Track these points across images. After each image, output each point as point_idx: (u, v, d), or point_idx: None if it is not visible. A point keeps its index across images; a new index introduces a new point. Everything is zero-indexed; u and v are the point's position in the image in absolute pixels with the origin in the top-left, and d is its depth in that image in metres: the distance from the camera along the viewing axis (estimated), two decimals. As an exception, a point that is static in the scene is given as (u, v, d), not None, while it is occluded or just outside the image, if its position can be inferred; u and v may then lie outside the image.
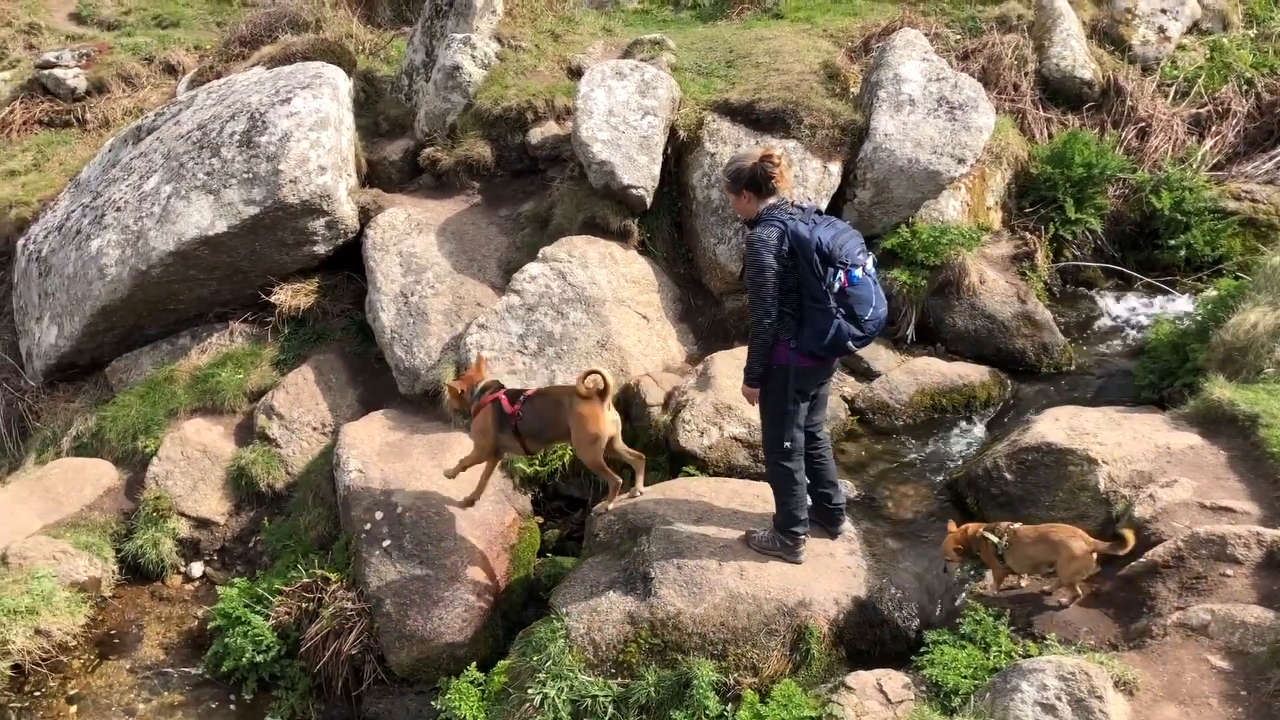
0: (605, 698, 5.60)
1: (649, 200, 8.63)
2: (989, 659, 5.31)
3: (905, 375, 8.03)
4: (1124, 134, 10.04)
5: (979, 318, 8.46)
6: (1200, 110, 10.36)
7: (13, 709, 6.49)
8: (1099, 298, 9.27)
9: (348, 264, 9.02)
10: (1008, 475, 6.52)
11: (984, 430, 7.73)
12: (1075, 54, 10.22)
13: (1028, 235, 9.32)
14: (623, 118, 8.66)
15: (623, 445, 6.57)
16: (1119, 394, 7.78)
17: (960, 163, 8.56)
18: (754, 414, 6.17)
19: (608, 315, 8.04)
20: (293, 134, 8.44)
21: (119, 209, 8.72)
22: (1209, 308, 7.63)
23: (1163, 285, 9.12)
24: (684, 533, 6.15)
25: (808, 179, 8.52)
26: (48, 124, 13.19)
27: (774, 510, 6.03)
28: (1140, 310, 9.02)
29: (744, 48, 10.33)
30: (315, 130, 8.55)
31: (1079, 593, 5.59)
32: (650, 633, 5.73)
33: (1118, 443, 6.42)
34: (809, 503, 5.99)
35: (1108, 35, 10.80)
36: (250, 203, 8.29)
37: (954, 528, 5.87)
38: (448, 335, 8.12)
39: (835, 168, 8.65)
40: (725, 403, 7.25)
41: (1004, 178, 9.52)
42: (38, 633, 6.74)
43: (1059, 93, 10.29)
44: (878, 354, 8.29)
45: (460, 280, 8.54)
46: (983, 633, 5.46)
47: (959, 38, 10.64)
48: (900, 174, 8.53)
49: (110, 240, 8.56)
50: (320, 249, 8.79)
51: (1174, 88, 10.52)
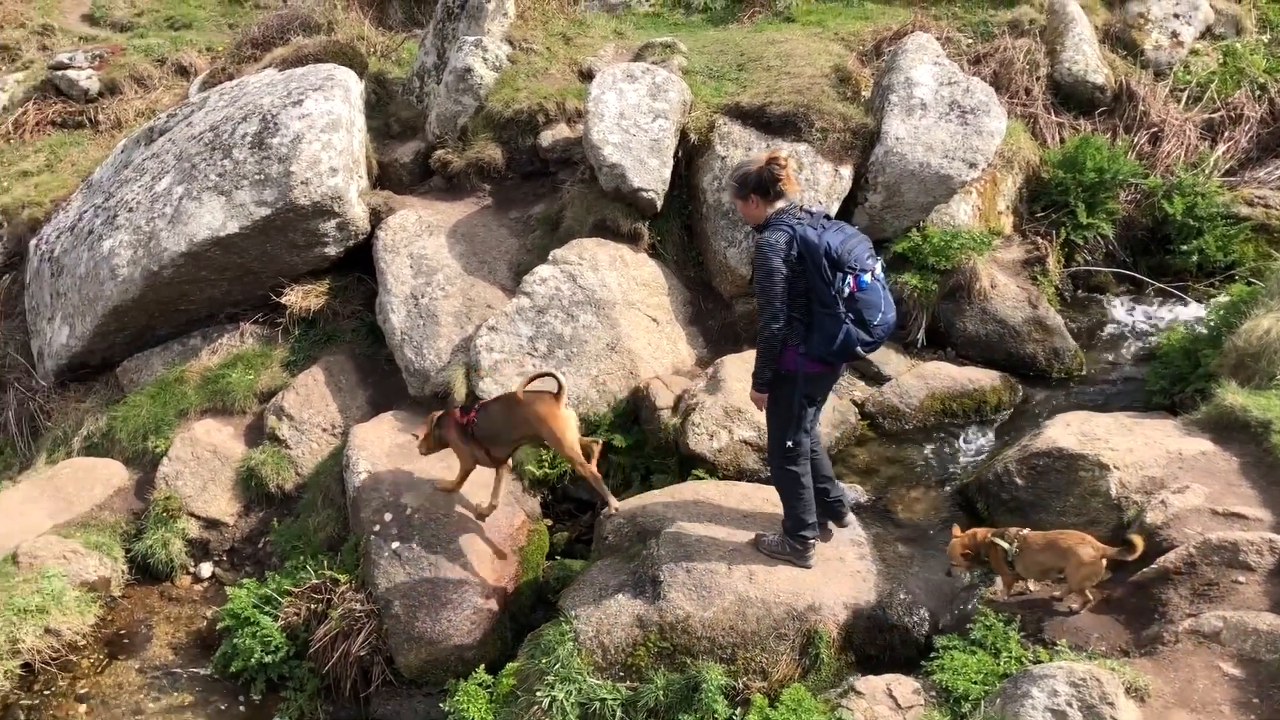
0: (614, 701, 5.59)
1: (659, 203, 8.62)
2: (999, 665, 5.28)
3: (916, 379, 8.02)
4: (1136, 139, 10.01)
5: (990, 322, 8.44)
6: (1213, 115, 10.32)
7: (22, 707, 6.50)
8: (1110, 303, 9.24)
9: (358, 265, 9.04)
10: (1018, 480, 6.50)
11: (994, 435, 7.70)
12: (1087, 58, 10.19)
13: (1039, 240, 9.30)
14: (634, 121, 8.66)
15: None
16: (1130, 399, 7.75)
17: (972, 167, 8.54)
18: (764, 418, 6.16)
19: (618, 318, 8.03)
20: (304, 136, 8.46)
21: (131, 210, 8.75)
22: (1221, 313, 7.59)
23: (1175, 291, 9.08)
24: (693, 536, 6.14)
25: (819, 182, 8.51)
26: (60, 125, 13.25)
27: (783, 514, 6.03)
28: (1152, 316, 8.98)
29: (755, 51, 10.33)
30: (327, 132, 8.56)
31: (1090, 598, 5.56)
32: (659, 636, 5.73)
33: (1129, 448, 6.39)
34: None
35: (1120, 40, 10.77)
36: (262, 204, 8.31)
37: (959, 532, 5.85)
38: (458, 337, 8.13)
39: (846, 171, 8.64)
40: (735, 406, 7.24)
41: (1015, 182, 9.50)
42: (48, 632, 6.76)
43: (1071, 97, 10.26)
44: (888, 358, 8.28)
45: (471, 282, 8.55)
46: (993, 638, 5.44)
47: (971, 42, 10.62)
48: (911, 178, 8.52)
49: (122, 241, 8.59)
50: (331, 250, 8.81)
51: (1187, 93, 10.48)
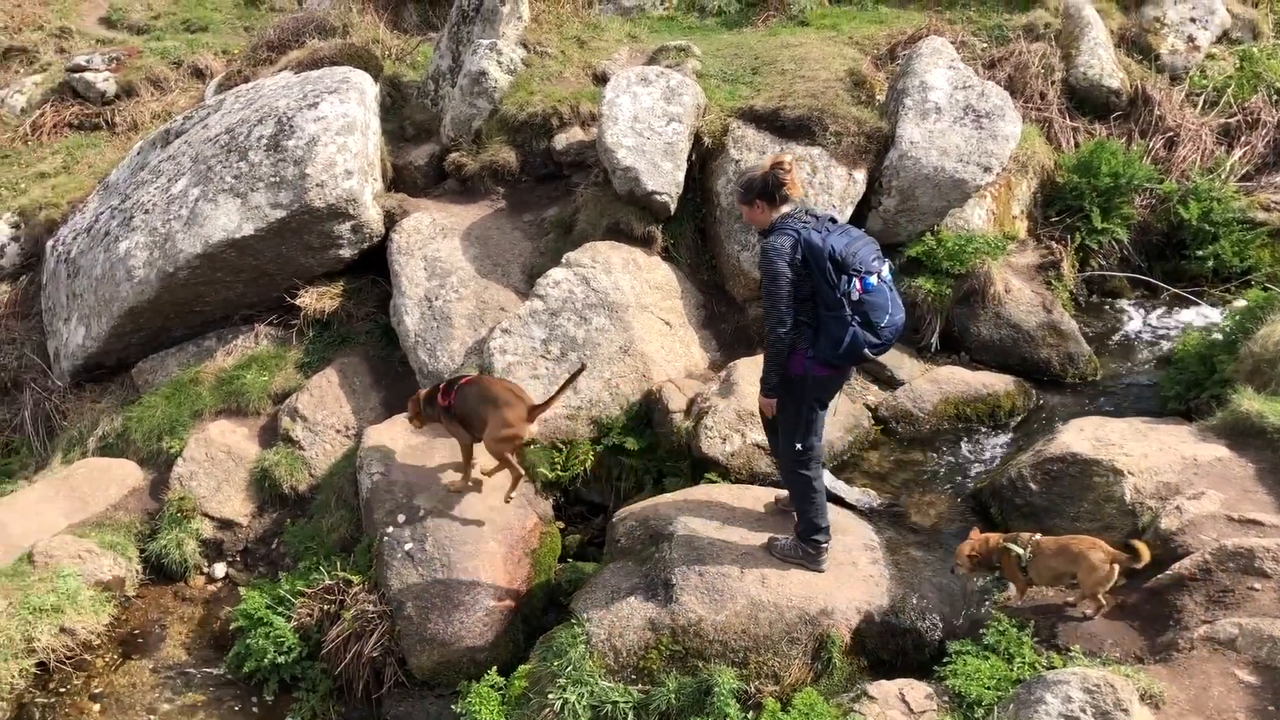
0: (626, 704, 5.59)
1: (673, 206, 8.63)
2: (1013, 670, 5.27)
3: (929, 384, 7.99)
4: (1151, 143, 9.97)
5: (1004, 327, 8.41)
6: (1229, 120, 10.27)
7: (38, 705, 6.54)
8: (1125, 308, 9.20)
9: (373, 268, 9.07)
10: (1032, 485, 6.48)
11: (1008, 440, 7.68)
12: (1103, 63, 10.16)
13: (1053, 244, 9.27)
14: (648, 124, 8.67)
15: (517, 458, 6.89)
16: (1145, 405, 7.71)
17: (986, 171, 8.53)
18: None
19: (630, 321, 8.04)
20: (320, 138, 8.49)
21: (147, 211, 8.80)
22: (1237, 319, 7.56)
23: (1190, 296, 9.04)
24: (706, 539, 6.13)
25: (833, 186, 8.50)
26: (77, 127, 13.33)
27: (795, 518, 6.02)
28: (1167, 321, 8.95)
29: (769, 55, 10.32)
30: (342, 135, 8.60)
31: (1103, 603, 5.54)
32: (671, 639, 5.72)
33: (1144, 454, 6.36)
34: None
35: (1136, 44, 10.74)
36: (277, 206, 8.35)
37: (977, 533, 5.83)
38: (471, 339, 8.15)
39: (860, 175, 8.63)
40: (748, 409, 7.23)
41: (1030, 186, 9.48)
42: (63, 631, 6.79)
43: (1086, 101, 10.22)
44: (902, 362, 8.26)
45: (484, 285, 8.57)
46: (1006, 643, 5.43)
47: (985, 46, 10.59)
48: (926, 182, 8.50)
49: (138, 242, 8.63)
50: (345, 252, 8.84)
51: (1203, 97, 10.44)
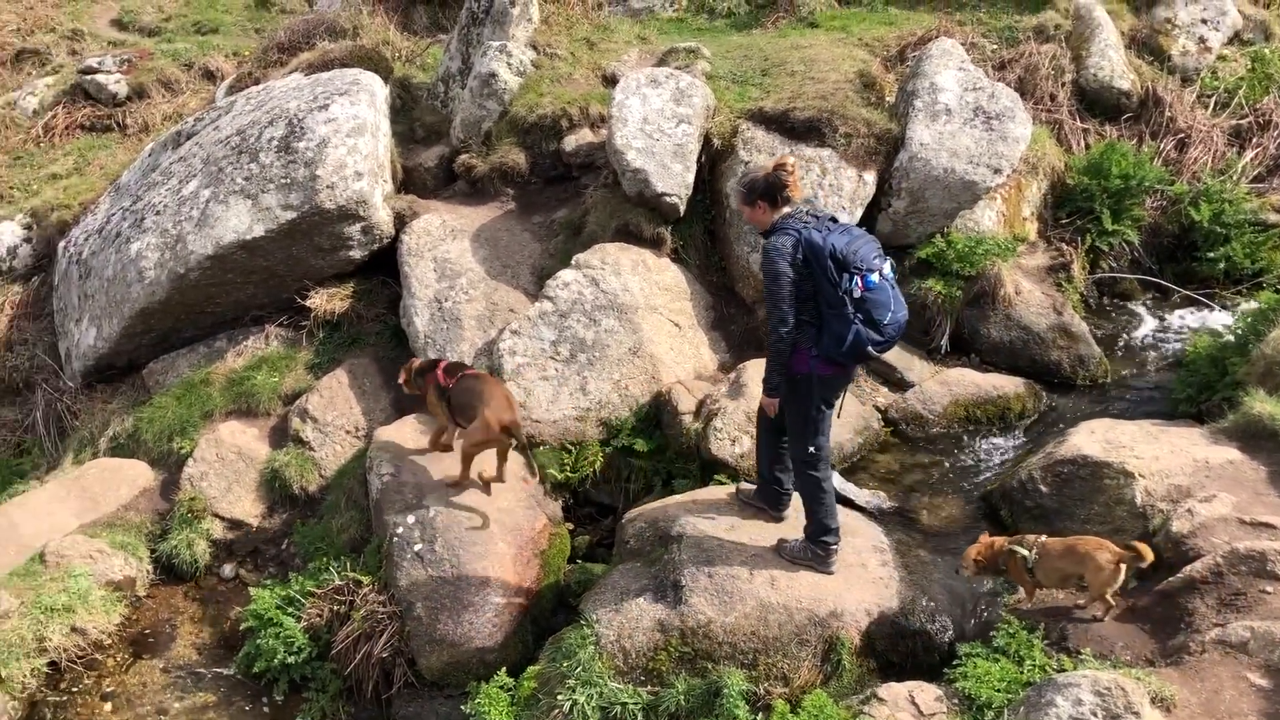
0: (635, 705, 5.59)
1: (682, 208, 8.63)
2: (1023, 673, 5.26)
3: (939, 386, 7.99)
4: (1162, 145, 9.95)
5: (1014, 329, 8.40)
6: (1241, 121, 10.25)
7: (49, 704, 6.56)
8: (1136, 310, 9.18)
9: (383, 269, 9.08)
10: (1043, 488, 6.47)
11: (1019, 442, 7.67)
12: (1113, 64, 10.14)
13: (1064, 246, 9.26)
14: (657, 125, 8.67)
15: (504, 465, 7.02)
16: (1156, 407, 7.70)
17: (996, 173, 8.52)
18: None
19: (640, 322, 8.04)
20: (330, 140, 8.51)
21: (158, 213, 8.82)
22: (1249, 321, 7.54)
23: (1201, 298, 9.02)
24: (715, 541, 6.13)
25: (842, 188, 8.50)
26: (89, 128, 13.37)
27: (804, 519, 6.02)
28: (1178, 323, 8.93)
29: (779, 56, 10.32)
30: (352, 136, 8.61)
31: (1112, 604, 5.53)
32: (680, 641, 5.72)
33: (1155, 456, 6.35)
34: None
35: (1146, 45, 10.72)
36: (287, 207, 8.37)
37: (985, 538, 5.82)
38: (481, 341, 8.16)
39: (870, 177, 8.63)
40: (757, 411, 7.22)
41: (1040, 188, 9.46)
42: (74, 630, 6.82)
43: (1096, 103, 10.21)
44: (912, 364, 8.26)
45: (494, 286, 8.58)
46: (1016, 646, 5.42)
47: (995, 47, 10.58)
48: (936, 184, 8.50)
49: (149, 243, 8.66)
50: (356, 254, 8.86)
51: (1214, 99, 10.42)
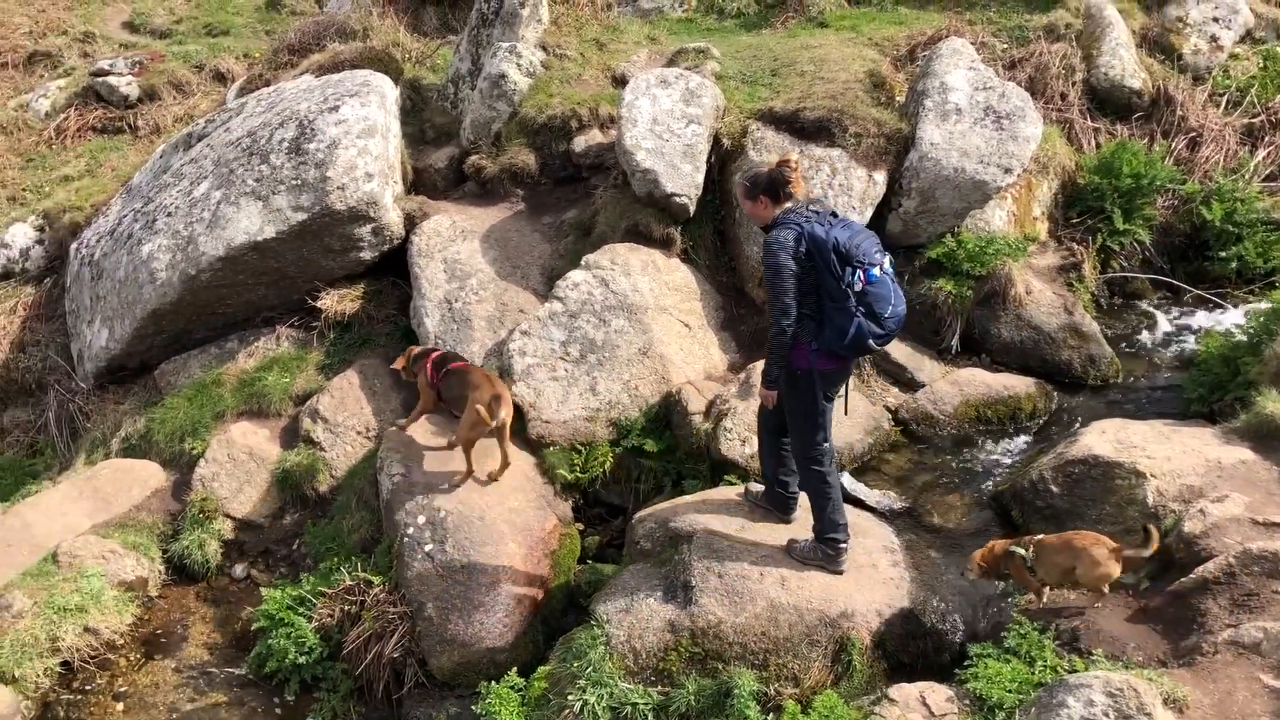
0: (645, 705, 5.59)
1: (692, 208, 8.63)
2: (1034, 673, 5.25)
3: (950, 386, 7.97)
4: (1174, 144, 9.90)
5: (1025, 329, 8.38)
6: (1253, 120, 10.20)
7: (62, 704, 6.60)
8: (1147, 310, 9.15)
9: (393, 270, 9.10)
10: (1054, 488, 6.45)
11: (1029, 442, 7.65)
12: (1124, 63, 10.10)
13: (1075, 246, 9.22)
14: (667, 126, 8.67)
15: (506, 444, 7.18)
16: (1168, 407, 7.67)
17: (1007, 172, 8.50)
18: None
19: (650, 323, 8.04)
20: (340, 141, 8.53)
21: (170, 214, 8.86)
22: (1261, 320, 7.50)
23: (1213, 298, 8.98)
24: (725, 542, 6.13)
25: (853, 188, 8.48)
26: (101, 130, 13.44)
27: (813, 518, 6.02)
28: (1190, 323, 8.89)
29: (789, 56, 10.31)
30: (363, 138, 8.63)
31: (1104, 592, 5.53)
32: (691, 641, 5.72)
33: (1167, 456, 6.33)
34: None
35: (1158, 44, 10.67)
36: (298, 209, 8.39)
37: (995, 542, 5.83)
38: (491, 341, 8.17)
39: (880, 177, 8.61)
40: (758, 415, 7.21)
41: (1051, 188, 9.43)
42: (87, 630, 6.86)
43: (1107, 102, 10.17)
44: (922, 364, 8.25)
45: (504, 287, 8.59)
46: (1028, 646, 5.40)
47: (1006, 47, 10.55)
48: (946, 183, 8.48)
49: (161, 245, 8.69)
50: (366, 255, 8.88)
51: (1226, 97, 10.36)
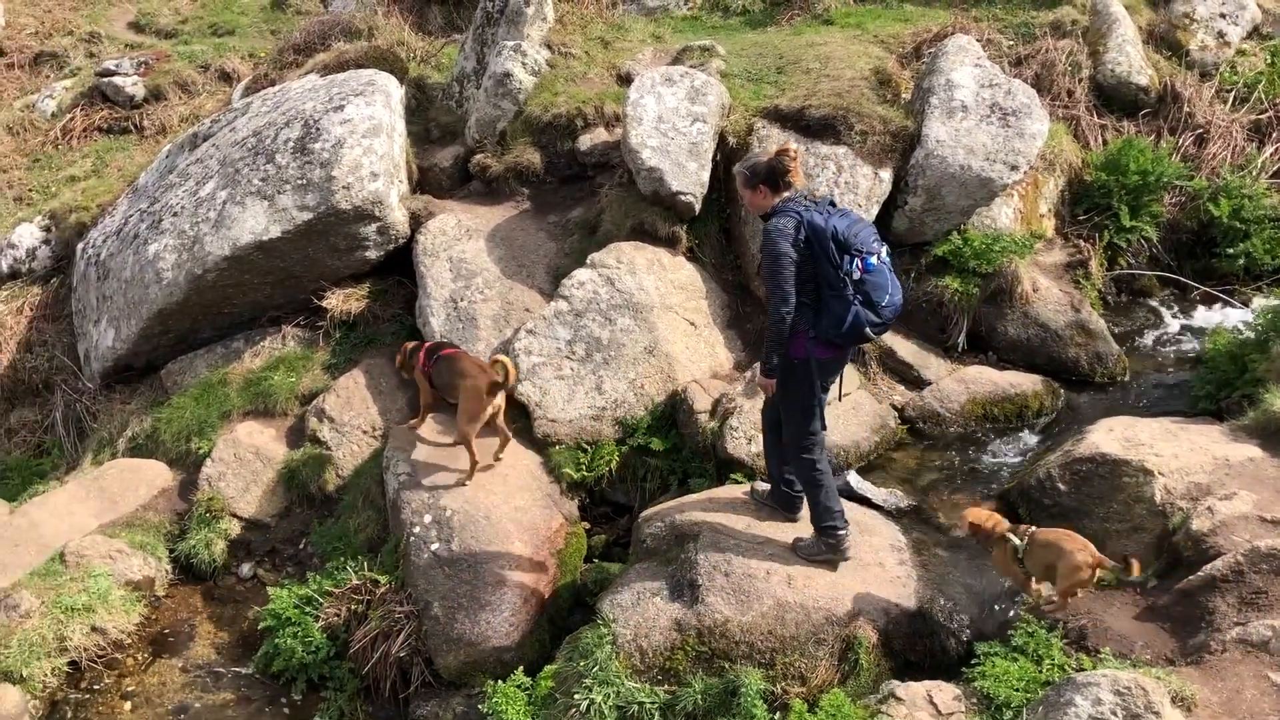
0: (652, 704, 5.59)
1: (698, 207, 8.62)
2: (1041, 672, 5.24)
3: (956, 384, 7.96)
4: (1181, 141, 9.87)
5: (1032, 326, 8.36)
6: (1260, 116, 10.16)
7: (70, 703, 6.61)
8: (1154, 307, 9.13)
9: (398, 269, 9.11)
10: (1061, 486, 6.43)
11: (1037, 440, 7.63)
12: (1131, 59, 10.06)
13: (1081, 243, 9.20)
14: (672, 124, 8.66)
15: (501, 423, 7.29)
16: (1175, 405, 7.65)
17: (1013, 170, 8.48)
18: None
19: (655, 321, 8.04)
20: (346, 141, 8.53)
21: (176, 214, 8.87)
22: (1269, 317, 7.47)
23: (1221, 294, 8.96)
24: (731, 540, 6.13)
25: (858, 185, 8.47)
26: (107, 131, 13.45)
27: (809, 510, 6.05)
28: (1197, 320, 8.87)
29: (794, 54, 10.30)
30: (368, 137, 8.64)
31: (1074, 595, 5.52)
32: (697, 640, 5.72)
33: (1174, 454, 6.31)
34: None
35: (1164, 40, 10.63)
36: (304, 208, 8.40)
37: (990, 508, 5.85)
38: (497, 340, 8.17)
39: (886, 174, 8.60)
40: (762, 413, 7.21)
41: (1057, 185, 9.41)
42: (94, 630, 6.86)
43: (1114, 99, 10.13)
44: (928, 362, 8.24)
45: (509, 286, 8.59)
46: (1035, 645, 5.39)
47: (1012, 44, 10.52)
48: (952, 181, 8.46)
49: (167, 245, 8.70)
50: (372, 254, 8.88)
51: (1233, 93, 10.32)
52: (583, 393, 7.74)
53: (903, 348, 8.29)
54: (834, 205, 5.60)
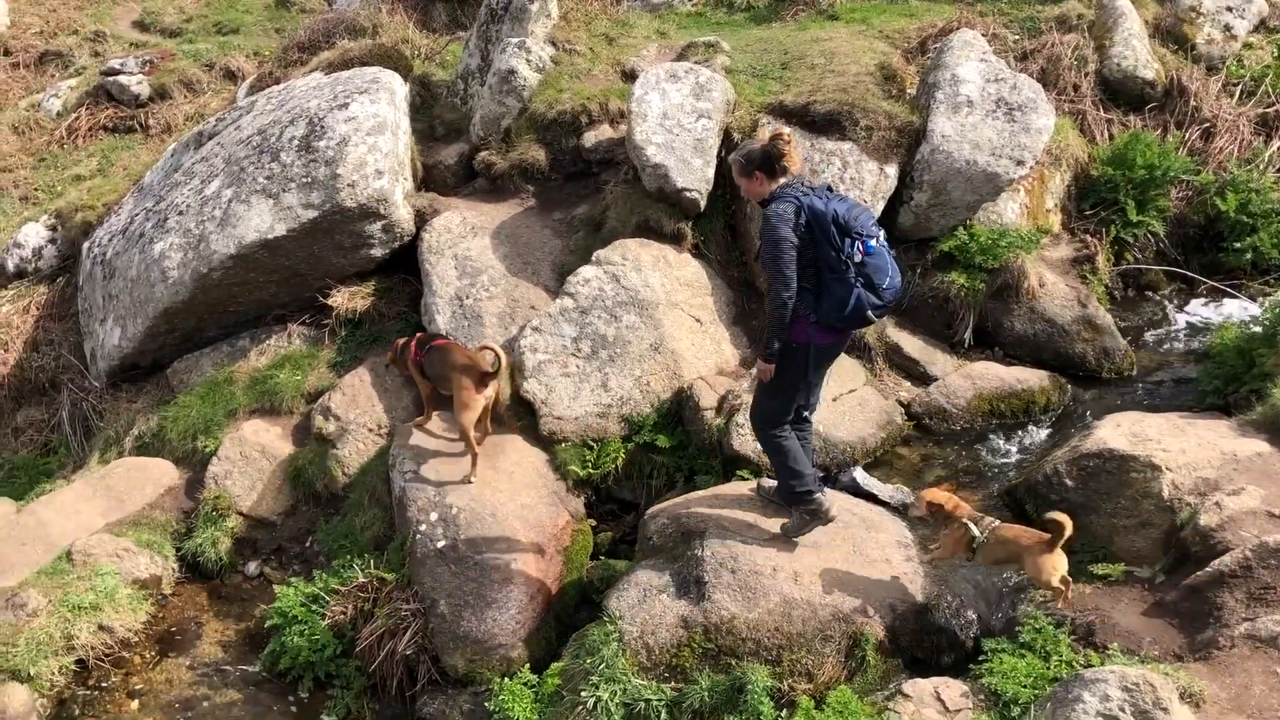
0: (658, 702, 5.59)
1: (703, 203, 8.60)
2: (1049, 668, 5.23)
3: (963, 380, 7.94)
4: (1187, 135, 9.83)
5: (1038, 321, 8.34)
6: (1267, 110, 10.11)
7: (77, 701, 6.63)
8: (1161, 302, 9.10)
9: (403, 267, 9.10)
10: (1068, 482, 6.41)
11: (1044, 436, 7.61)
12: (1137, 53, 10.03)
13: (1088, 238, 9.17)
14: (677, 120, 8.65)
15: (486, 422, 7.39)
16: (1183, 400, 7.63)
17: (1019, 164, 8.45)
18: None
19: (661, 318, 8.03)
20: (350, 138, 8.53)
21: (181, 213, 8.87)
22: (1276, 312, 7.44)
23: (1228, 289, 8.92)
24: (738, 537, 6.12)
25: (864, 181, 8.45)
26: (112, 130, 13.47)
27: (777, 480, 6.14)
28: (1204, 315, 8.84)
29: (799, 49, 10.27)
30: (373, 135, 8.63)
31: (1061, 589, 5.53)
32: (704, 637, 5.72)
33: (1182, 449, 6.29)
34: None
35: (1171, 34, 10.59)
36: (309, 206, 8.39)
37: (949, 490, 5.86)
38: (502, 338, 8.16)
39: (892, 170, 8.58)
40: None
41: (1064, 180, 9.38)
42: (101, 628, 6.87)
43: (1120, 93, 10.09)
44: (935, 358, 8.22)
45: (515, 283, 8.59)
46: (1043, 641, 5.39)
47: (1017, 38, 10.49)
48: (958, 176, 8.44)
49: (172, 243, 8.71)
50: (377, 252, 8.88)
51: (1240, 87, 10.28)
52: (588, 390, 7.73)
53: (909, 344, 8.28)
54: (830, 190, 5.65)
